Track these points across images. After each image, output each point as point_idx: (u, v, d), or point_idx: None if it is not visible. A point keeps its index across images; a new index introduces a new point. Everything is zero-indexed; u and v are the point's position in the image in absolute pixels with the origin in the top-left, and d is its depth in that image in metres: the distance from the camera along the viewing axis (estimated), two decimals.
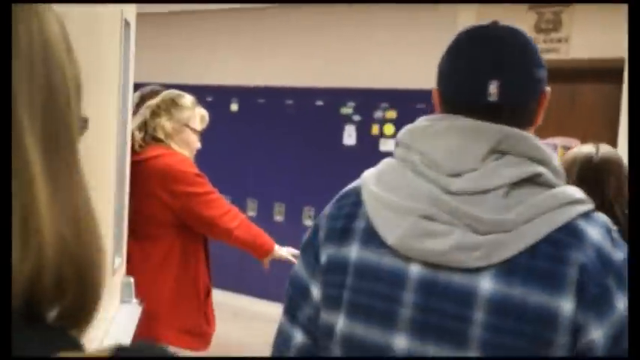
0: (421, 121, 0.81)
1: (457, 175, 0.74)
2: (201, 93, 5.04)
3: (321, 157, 4.34)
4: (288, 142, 4.41)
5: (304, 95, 4.37)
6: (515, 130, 0.75)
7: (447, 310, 0.71)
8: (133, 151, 1.89)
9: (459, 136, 0.75)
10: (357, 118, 4.21)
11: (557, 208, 0.71)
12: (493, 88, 0.76)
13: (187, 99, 1.98)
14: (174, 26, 5.08)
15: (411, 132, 0.80)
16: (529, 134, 0.76)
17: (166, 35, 5.16)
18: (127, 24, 1.87)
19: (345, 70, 4.22)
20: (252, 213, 4.56)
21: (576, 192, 0.74)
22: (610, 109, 3.74)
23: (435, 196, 0.73)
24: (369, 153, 4.13)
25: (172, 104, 1.92)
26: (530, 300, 0.68)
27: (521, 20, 3.50)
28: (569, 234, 0.70)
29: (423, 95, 4.24)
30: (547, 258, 0.69)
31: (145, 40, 5.43)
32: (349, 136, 4.24)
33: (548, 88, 0.82)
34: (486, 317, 0.69)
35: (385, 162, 0.84)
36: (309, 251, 0.85)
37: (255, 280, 4.29)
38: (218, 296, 5.10)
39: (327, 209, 0.87)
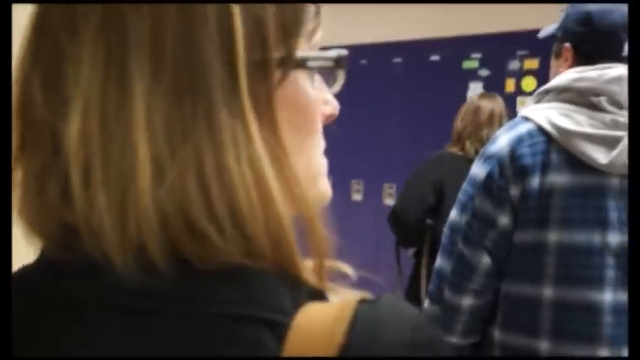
0: (584, 72, 1.05)
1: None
2: None
3: (442, 125, 3.53)
4: (399, 110, 3.60)
5: (416, 50, 3.52)
6: None
7: None
8: None
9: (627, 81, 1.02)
10: (484, 72, 3.37)
11: None
12: (626, 46, 1.05)
13: None
14: None
15: (585, 80, 1.04)
16: None
17: None
18: None
19: (465, 13, 3.34)
20: (357, 197, 3.83)
21: None
22: None
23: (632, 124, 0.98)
24: None
25: None
26: None
27: None
28: None
29: None
30: None
31: None
32: None
33: None
34: None
35: (552, 107, 1.06)
36: (495, 188, 1.07)
37: None
38: None
39: (508, 151, 1.06)
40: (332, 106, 0.42)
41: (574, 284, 1.03)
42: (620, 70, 1.03)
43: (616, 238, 1.02)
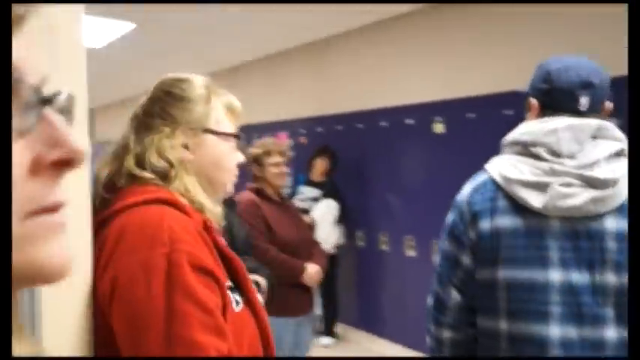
0: (530, 126, 1.20)
1: (571, 156, 1.14)
2: (398, 115, 4.33)
3: None
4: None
5: (491, 104, 3.42)
6: (605, 122, 1.16)
7: (587, 245, 1.09)
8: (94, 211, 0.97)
9: (568, 130, 1.14)
10: None
11: None
12: (584, 101, 1.18)
13: (196, 82, 1.05)
14: (362, 46, 4.46)
15: (528, 134, 1.19)
16: (610, 123, 1.16)
17: (353, 59, 4.55)
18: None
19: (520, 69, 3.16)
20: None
21: None
22: None
23: (566, 171, 1.12)
24: None
25: (169, 99, 1.03)
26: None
27: None
28: None
29: None
30: None
31: (329, 68, 4.90)
32: None
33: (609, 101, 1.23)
34: (616, 244, 1.08)
35: (505, 158, 1.21)
36: (457, 232, 1.22)
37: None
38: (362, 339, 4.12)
39: (466, 198, 1.22)
40: (65, 150, 0.31)
41: (521, 318, 1.13)
42: (556, 122, 1.15)
43: (558, 275, 1.10)
